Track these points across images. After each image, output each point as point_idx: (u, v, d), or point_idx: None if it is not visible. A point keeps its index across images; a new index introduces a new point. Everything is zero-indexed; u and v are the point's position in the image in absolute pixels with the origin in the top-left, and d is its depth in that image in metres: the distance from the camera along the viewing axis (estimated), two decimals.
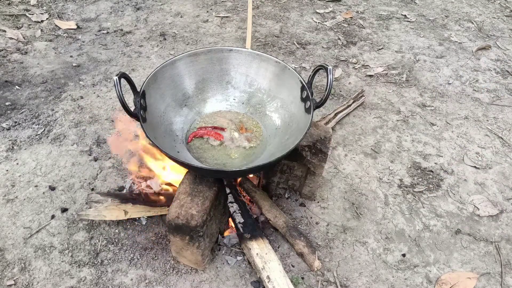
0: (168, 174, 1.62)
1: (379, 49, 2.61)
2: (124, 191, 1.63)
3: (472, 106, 2.20)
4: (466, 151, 1.92)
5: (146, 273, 1.39)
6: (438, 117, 2.11)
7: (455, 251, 1.51)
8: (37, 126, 1.90)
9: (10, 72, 2.22)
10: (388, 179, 1.76)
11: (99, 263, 1.41)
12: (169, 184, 1.62)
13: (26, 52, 2.37)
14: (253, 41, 2.57)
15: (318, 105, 1.29)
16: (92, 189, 1.64)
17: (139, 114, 1.27)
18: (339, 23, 2.84)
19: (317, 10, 2.97)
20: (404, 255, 1.49)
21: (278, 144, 1.41)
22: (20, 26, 2.58)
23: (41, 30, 2.55)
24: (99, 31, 2.60)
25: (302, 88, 1.38)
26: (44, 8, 2.77)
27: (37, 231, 1.50)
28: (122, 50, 2.44)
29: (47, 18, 2.67)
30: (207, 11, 2.88)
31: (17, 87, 2.13)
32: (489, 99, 2.26)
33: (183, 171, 1.37)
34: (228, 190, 1.54)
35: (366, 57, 2.53)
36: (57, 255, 1.43)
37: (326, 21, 2.85)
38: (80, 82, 2.18)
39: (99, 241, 1.47)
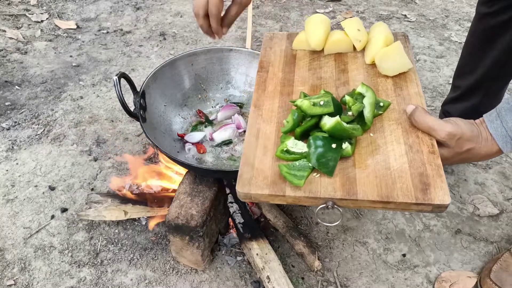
0: None
1: None
2: (124, 191, 1.63)
3: None
4: None
5: (146, 273, 1.39)
6: None
7: (455, 251, 1.51)
8: (37, 126, 1.90)
9: (10, 72, 2.22)
10: None
11: (99, 263, 1.41)
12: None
13: (26, 52, 2.37)
14: (253, 41, 2.57)
15: None
16: (92, 189, 1.64)
17: (139, 114, 1.27)
18: (339, 23, 2.84)
19: (317, 10, 2.97)
20: (404, 255, 1.49)
21: None
22: (20, 26, 2.58)
23: (41, 30, 2.55)
24: (99, 31, 2.60)
25: None
26: (44, 8, 2.77)
27: (37, 231, 1.49)
28: (122, 50, 2.44)
29: (47, 18, 2.67)
30: None
31: (17, 87, 2.13)
32: None
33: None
34: (228, 190, 1.54)
35: None
36: (57, 255, 1.43)
37: None
38: (80, 82, 2.18)
39: (99, 241, 1.47)
